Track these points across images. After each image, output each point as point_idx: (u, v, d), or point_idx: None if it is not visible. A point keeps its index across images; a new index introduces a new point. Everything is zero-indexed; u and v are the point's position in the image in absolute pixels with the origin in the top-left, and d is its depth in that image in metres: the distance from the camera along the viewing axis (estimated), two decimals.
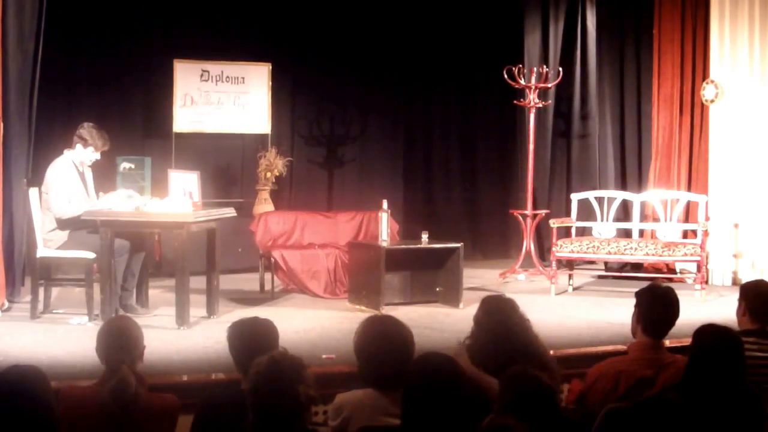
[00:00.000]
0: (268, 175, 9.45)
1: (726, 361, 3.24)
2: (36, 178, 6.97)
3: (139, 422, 3.29)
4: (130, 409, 3.26)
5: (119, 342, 3.45)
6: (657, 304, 3.78)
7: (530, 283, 8.55)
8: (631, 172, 9.83)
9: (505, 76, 8.79)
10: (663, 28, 9.30)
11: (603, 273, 9.18)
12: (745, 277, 8.02)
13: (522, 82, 8.90)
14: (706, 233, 7.98)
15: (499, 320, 3.68)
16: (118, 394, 3.25)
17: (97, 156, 6.69)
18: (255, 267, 8.27)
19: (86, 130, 6.62)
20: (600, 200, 8.65)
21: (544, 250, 9.44)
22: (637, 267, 8.87)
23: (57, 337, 5.86)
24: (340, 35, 9.96)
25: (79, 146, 6.60)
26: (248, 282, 8.27)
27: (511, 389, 2.96)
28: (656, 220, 8.75)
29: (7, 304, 6.81)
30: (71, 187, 6.51)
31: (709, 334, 3.36)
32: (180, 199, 6.53)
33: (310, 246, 8.07)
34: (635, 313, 3.85)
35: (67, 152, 6.64)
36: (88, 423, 3.22)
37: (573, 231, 8.64)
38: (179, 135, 9.44)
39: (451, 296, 7.31)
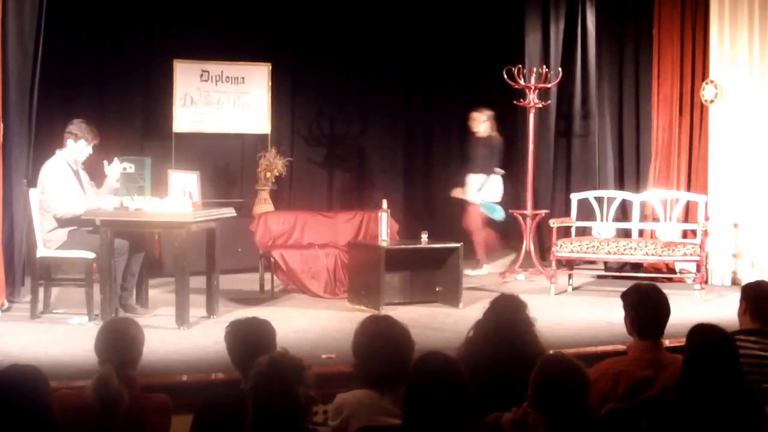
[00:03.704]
0: (268, 175, 9.45)
1: (721, 361, 3.24)
2: (36, 178, 6.97)
3: (128, 423, 3.28)
4: (114, 410, 3.25)
5: (111, 342, 3.45)
6: (644, 307, 3.77)
7: (530, 282, 8.55)
8: (630, 172, 9.82)
9: (505, 76, 8.79)
10: (663, 29, 9.30)
11: (603, 273, 9.18)
12: (745, 277, 8.03)
13: (522, 82, 8.90)
14: (705, 233, 7.97)
15: (497, 317, 3.69)
16: (99, 392, 3.24)
17: (90, 150, 6.68)
18: (255, 267, 8.26)
19: (75, 125, 6.64)
20: (600, 200, 8.64)
21: (543, 250, 9.44)
22: (637, 267, 8.87)
23: (57, 337, 5.86)
24: (340, 35, 9.97)
25: (70, 141, 6.60)
26: (248, 282, 8.27)
27: (548, 370, 2.97)
28: (656, 220, 8.75)
29: (7, 304, 6.82)
30: (68, 186, 6.50)
31: (701, 334, 3.36)
32: (180, 199, 6.54)
33: (310, 246, 8.07)
34: (625, 317, 3.85)
35: (59, 152, 6.63)
36: (76, 424, 3.21)
37: (573, 231, 8.64)
38: (179, 135, 9.44)
39: (451, 296, 7.32)
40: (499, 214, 9.01)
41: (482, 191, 9.03)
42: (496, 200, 9.01)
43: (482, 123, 9.08)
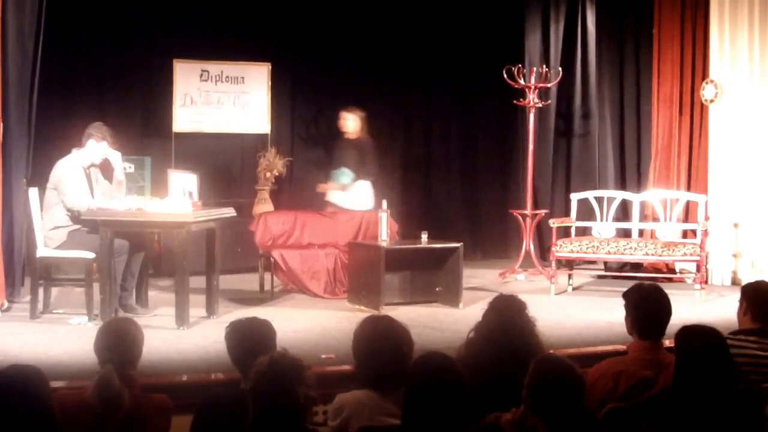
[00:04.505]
0: (268, 175, 9.45)
1: (711, 361, 3.23)
2: (36, 178, 6.97)
3: (128, 423, 3.27)
4: (114, 410, 3.24)
5: (112, 342, 3.45)
6: (645, 307, 3.77)
7: (530, 283, 8.55)
8: (630, 171, 9.83)
9: (505, 75, 8.79)
10: (663, 28, 9.30)
11: (603, 273, 9.18)
12: (745, 277, 8.03)
13: (522, 81, 8.90)
14: (705, 233, 7.98)
15: (499, 317, 3.69)
16: (100, 393, 3.24)
17: (109, 152, 6.71)
18: (255, 267, 8.26)
19: (96, 127, 6.67)
20: (599, 200, 8.65)
21: (543, 250, 9.44)
22: (637, 267, 8.87)
23: (57, 337, 5.86)
24: (339, 35, 9.96)
25: (91, 141, 6.60)
26: (248, 282, 8.28)
27: (541, 371, 2.97)
28: (656, 219, 8.75)
29: (7, 304, 6.81)
30: (80, 183, 6.52)
31: (689, 335, 3.35)
32: (180, 199, 6.54)
33: (310, 246, 8.06)
34: (626, 317, 3.84)
35: (75, 151, 6.64)
36: (76, 424, 3.20)
37: (573, 231, 8.65)
38: (179, 135, 9.43)
39: (451, 296, 7.32)
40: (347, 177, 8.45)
41: (349, 195, 8.44)
42: (367, 208, 8.39)
43: (352, 123, 8.49)
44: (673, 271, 8.88)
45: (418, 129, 10.73)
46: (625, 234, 8.77)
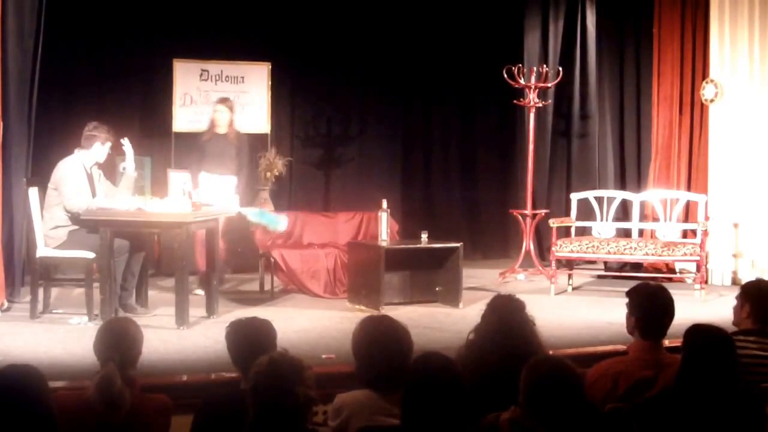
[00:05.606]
0: (268, 174, 9.44)
1: (718, 361, 3.23)
2: (36, 177, 6.97)
3: (128, 423, 3.27)
4: (116, 409, 3.24)
5: (113, 341, 3.45)
6: (650, 307, 3.77)
7: (530, 282, 8.55)
8: (630, 171, 9.84)
9: (505, 75, 8.79)
10: (663, 29, 9.31)
11: (602, 273, 9.18)
12: (745, 277, 8.03)
13: (522, 81, 8.89)
14: (705, 233, 7.98)
15: (500, 318, 3.69)
16: (101, 392, 3.24)
17: (109, 151, 6.72)
18: (255, 267, 8.26)
19: (98, 128, 6.68)
20: (599, 200, 8.65)
21: (543, 250, 9.45)
22: (637, 267, 8.88)
23: (57, 337, 5.86)
24: (339, 35, 9.96)
25: (97, 144, 6.61)
26: (248, 282, 8.27)
27: (537, 372, 2.95)
28: (656, 219, 8.75)
29: (7, 304, 6.81)
30: (81, 184, 6.52)
31: (698, 334, 3.35)
32: (180, 198, 6.54)
33: (310, 246, 8.07)
34: (629, 315, 3.84)
35: (78, 152, 6.64)
36: (76, 425, 3.20)
37: (573, 231, 8.65)
38: (179, 134, 9.43)
39: (451, 296, 7.32)
40: (283, 224, 7.79)
41: (214, 195, 7.38)
42: (235, 208, 7.58)
43: (226, 117, 7.89)
44: (673, 271, 8.89)
45: (418, 128, 10.73)
46: (625, 234, 8.77)
